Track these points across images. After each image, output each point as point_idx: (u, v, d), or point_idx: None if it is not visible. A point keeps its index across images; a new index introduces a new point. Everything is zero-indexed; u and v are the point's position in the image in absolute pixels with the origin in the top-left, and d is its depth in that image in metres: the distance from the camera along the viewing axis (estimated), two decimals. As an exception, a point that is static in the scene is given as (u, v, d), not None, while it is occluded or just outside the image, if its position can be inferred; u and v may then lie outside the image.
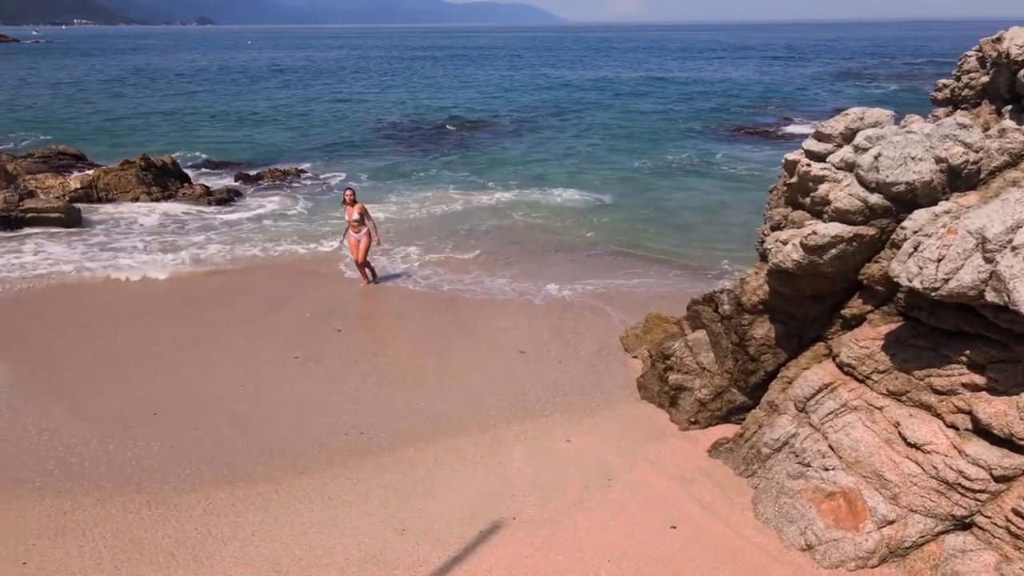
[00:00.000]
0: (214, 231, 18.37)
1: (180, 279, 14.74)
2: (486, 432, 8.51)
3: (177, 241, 17.32)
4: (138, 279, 14.63)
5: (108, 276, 14.77)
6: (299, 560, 6.22)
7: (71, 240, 17.34)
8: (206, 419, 9.04)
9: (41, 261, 15.79)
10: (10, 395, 9.65)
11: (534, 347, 11.38)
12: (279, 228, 18.77)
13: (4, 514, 7.06)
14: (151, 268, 15.37)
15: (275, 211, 20.59)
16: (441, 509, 6.88)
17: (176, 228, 18.75)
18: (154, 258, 16.09)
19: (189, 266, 15.63)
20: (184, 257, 16.15)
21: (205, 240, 17.43)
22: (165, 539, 6.60)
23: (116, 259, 15.98)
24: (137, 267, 15.40)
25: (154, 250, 16.67)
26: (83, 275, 14.80)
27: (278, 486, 7.43)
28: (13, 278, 14.52)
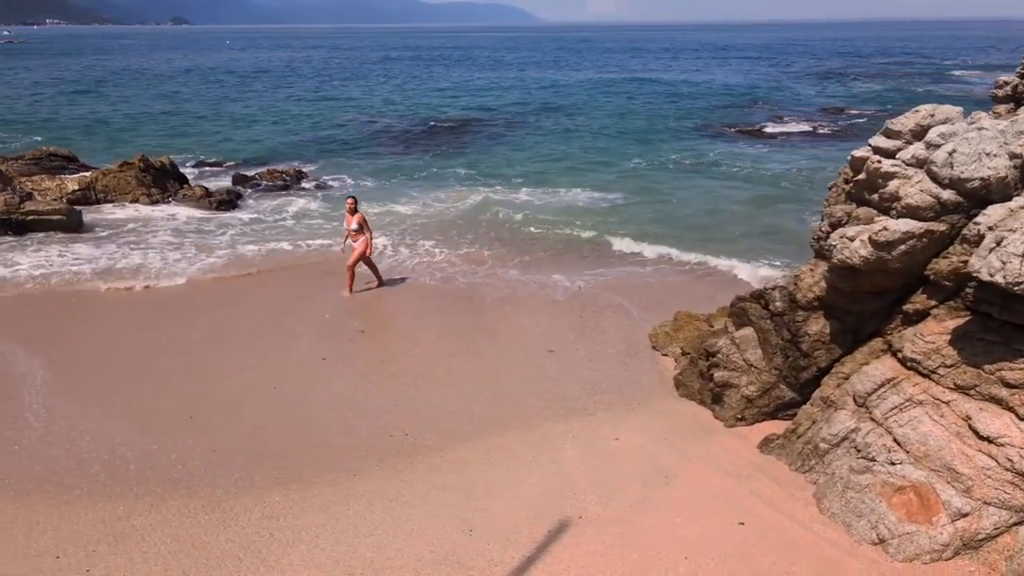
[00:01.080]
0: (222, 233, 18.18)
1: (194, 282, 14.57)
2: (533, 431, 8.49)
3: (189, 244, 17.11)
4: (155, 282, 14.44)
5: (123, 280, 14.56)
6: (371, 562, 6.17)
7: (87, 243, 17.02)
8: (245, 422, 8.94)
9: (64, 263, 15.52)
10: (44, 397, 9.49)
11: (561, 346, 11.39)
12: (286, 229, 18.64)
13: (59, 521, 6.94)
14: (167, 271, 15.21)
15: (280, 212, 20.43)
16: (504, 509, 6.86)
17: (184, 231, 18.52)
18: (170, 261, 15.88)
19: (203, 268, 15.46)
20: (199, 260, 15.98)
21: (217, 243, 17.24)
22: (228, 543, 6.52)
23: (134, 261, 15.76)
24: (158, 270, 15.22)
25: (167, 253, 16.44)
26: (98, 278, 14.59)
27: (333, 488, 7.37)
28: (37, 280, 14.33)
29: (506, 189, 23.39)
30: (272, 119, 40.20)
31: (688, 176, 25.50)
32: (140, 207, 20.77)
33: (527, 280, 14.85)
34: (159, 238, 17.67)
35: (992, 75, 61.87)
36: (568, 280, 14.68)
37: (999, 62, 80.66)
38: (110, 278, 14.62)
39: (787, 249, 16.84)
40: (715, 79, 61.60)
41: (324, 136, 34.52)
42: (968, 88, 53.18)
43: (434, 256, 16.40)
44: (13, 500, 7.30)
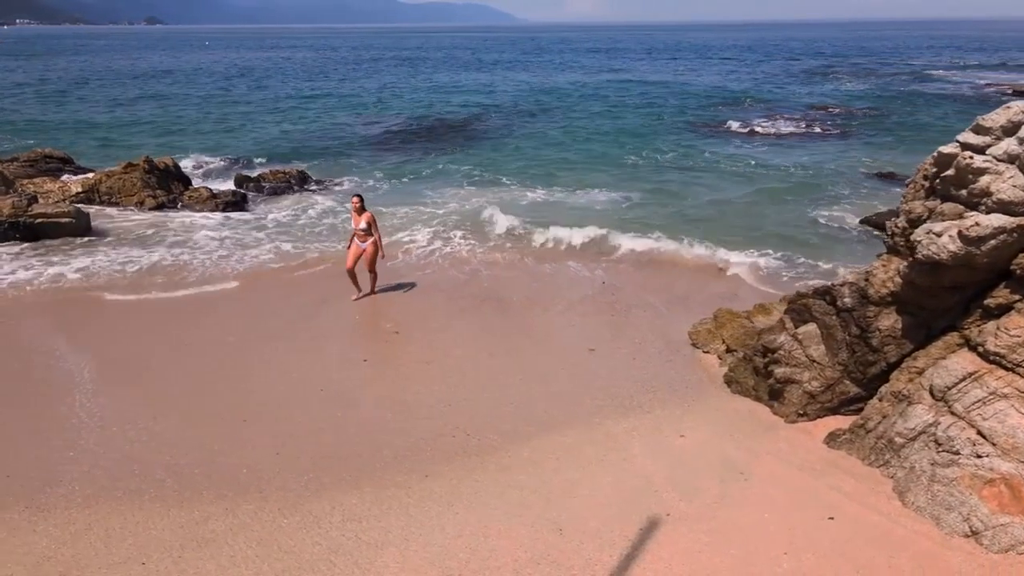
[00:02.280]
0: (239, 235, 18.00)
1: (222, 284, 14.42)
2: (594, 430, 8.49)
3: (216, 247, 16.94)
4: (195, 287, 14.27)
5: (157, 283, 14.40)
6: (467, 563, 6.13)
7: (110, 248, 16.71)
8: (300, 424, 8.86)
9: (98, 267, 15.36)
10: (93, 401, 9.34)
11: (600, 344, 11.40)
12: (301, 230, 18.48)
13: (135, 527, 6.83)
14: (202, 274, 15.04)
15: (291, 214, 20.26)
16: (587, 508, 6.85)
17: (202, 234, 18.27)
18: (204, 264, 15.67)
19: (233, 271, 15.31)
20: (231, 263, 15.80)
21: (237, 245, 17.06)
22: (315, 547, 6.45)
23: (166, 264, 15.58)
24: (200, 273, 15.06)
25: (198, 256, 16.21)
26: (123, 284, 14.40)
27: (408, 490, 7.32)
28: (74, 283, 14.13)
29: (518, 187, 23.45)
30: (264, 119, 39.84)
31: (692, 174, 25.66)
32: (144, 213, 20.45)
33: (551, 279, 14.88)
34: (184, 241, 17.43)
35: (973, 74, 63.02)
36: (591, 279, 14.74)
37: (975, 62, 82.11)
38: (141, 283, 14.42)
39: (801, 245, 17.04)
40: (701, 79, 62.03)
41: (319, 136, 34.29)
42: (951, 87, 54.03)
43: (456, 256, 16.37)
44: (83, 507, 7.17)
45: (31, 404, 9.36)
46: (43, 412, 9.14)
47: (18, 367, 10.48)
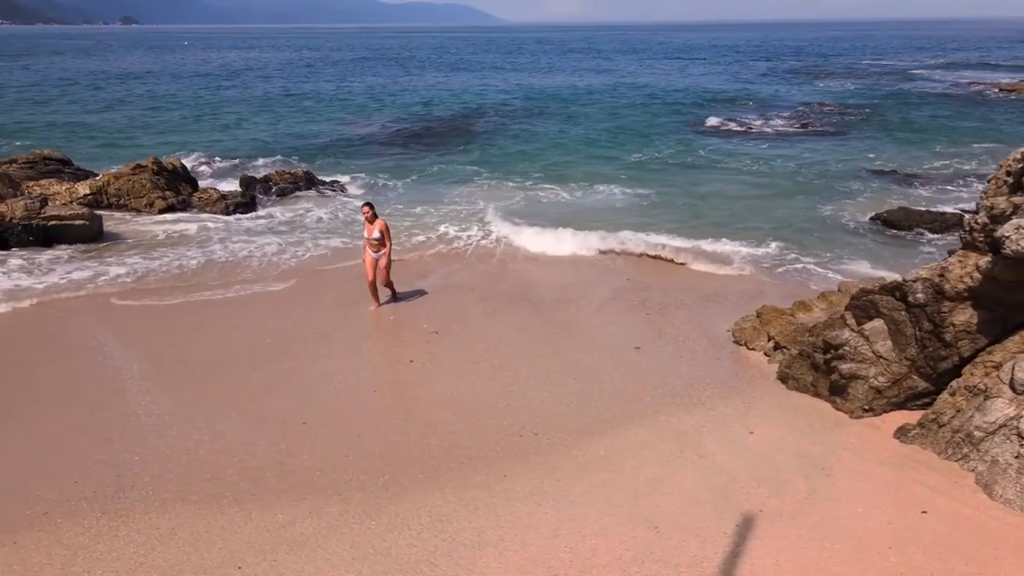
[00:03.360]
0: (259, 237, 17.87)
1: (253, 287, 14.30)
2: (662, 427, 8.51)
3: (230, 249, 16.79)
4: (234, 290, 14.14)
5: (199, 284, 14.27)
6: (571, 563, 6.12)
7: (139, 253, 16.47)
8: (361, 426, 8.80)
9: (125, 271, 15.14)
10: (151, 404, 9.22)
11: (644, 343, 11.43)
12: (319, 231, 18.36)
13: (221, 530, 6.74)
14: (238, 277, 14.92)
15: (305, 214, 20.14)
16: (677, 505, 6.86)
17: (215, 236, 18.11)
18: (238, 268, 15.53)
19: (252, 274, 15.18)
20: (249, 264, 15.68)
21: (258, 247, 16.93)
22: (411, 548, 6.41)
23: (198, 267, 15.45)
24: (252, 274, 14.91)
25: (229, 260, 16.06)
26: (155, 288, 14.24)
27: (489, 490, 7.29)
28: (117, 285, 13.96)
29: (528, 185, 23.55)
30: (258, 119, 39.50)
31: (697, 172, 25.85)
32: (163, 214, 20.22)
33: (576, 278, 14.89)
34: (203, 244, 17.30)
35: (956, 73, 63.94)
36: (615, 277, 14.78)
37: (955, 60, 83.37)
38: (182, 287, 14.28)
39: (816, 242, 17.21)
40: (690, 79, 62.41)
41: (316, 135, 34.08)
42: (938, 85, 54.78)
43: (478, 255, 16.38)
44: (161, 512, 7.08)
45: (88, 407, 9.24)
46: (100, 415, 9.02)
47: (73, 370, 10.34)
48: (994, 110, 40.45)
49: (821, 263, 15.80)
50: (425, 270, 15.28)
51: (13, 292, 13.61)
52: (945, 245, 17.21)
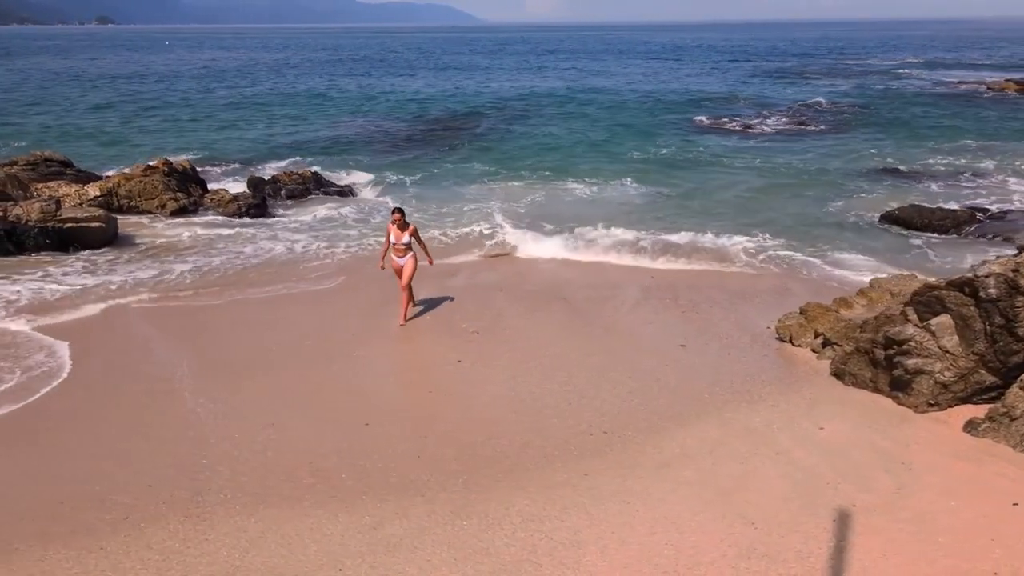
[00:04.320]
0: (279, 239, 17.77)
1: (289, 287, 14.21)
2: (730, 424, 8.54)
3: (254, 250, 16.68)
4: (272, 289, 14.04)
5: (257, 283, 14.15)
6: (677, 560, 6.13)
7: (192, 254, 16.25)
8: (425, 426, 8.76)
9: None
10: (209, 406, 9.14)
11: (687, 340, 11.47)
12: (338, 232, 18.26)
13: (311, 533, 6.69)
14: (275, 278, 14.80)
15: (322, 215, 20.02)
16: (768, 501, 6.89)
17: (240, 238, 17.96)
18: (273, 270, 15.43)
19: (280, 275, 15.09)
20: (278, 266, 15.60)
21: (283, 250, 16.85)
22: (510, 548, 6.39)
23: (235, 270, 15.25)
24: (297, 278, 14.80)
25: (245, 261, 15.97)
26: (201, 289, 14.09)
27: (574, 488, 7.29)
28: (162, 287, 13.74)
29: (537, 183, 23.68)
30: (252, 120, 39.08)
31: (703, 170, 26.04)
32: (176, 217, 20.03)
33: (602, 278, 14.87)
34: (227, 246, 17.15)
35: (941, 73, 64.80)
36: (640, 276, 14.74)
37: (937, 59, 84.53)
38: (211, 289, 14.15)
39: (830, 239, 17.41)
40: (681, 79, 62.69)
41: (314, 136, 33.81)
42: (927, 85, 55.48)
43: (501, 254, 16.36)
44: (245, 515, 7.01)
45: (143, 409, 9.14)
46: (160, 418, 8.93)
47: (121, 372, 10.22)
48: (984, 108, 41.08)
49: (839, 260, 15.96)
50: (449, 270, 15.23)
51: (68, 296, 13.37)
52: (957, 242, 17.51)
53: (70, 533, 6.75)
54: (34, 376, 10.09)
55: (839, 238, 17.72)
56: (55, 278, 14.53)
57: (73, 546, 6.56)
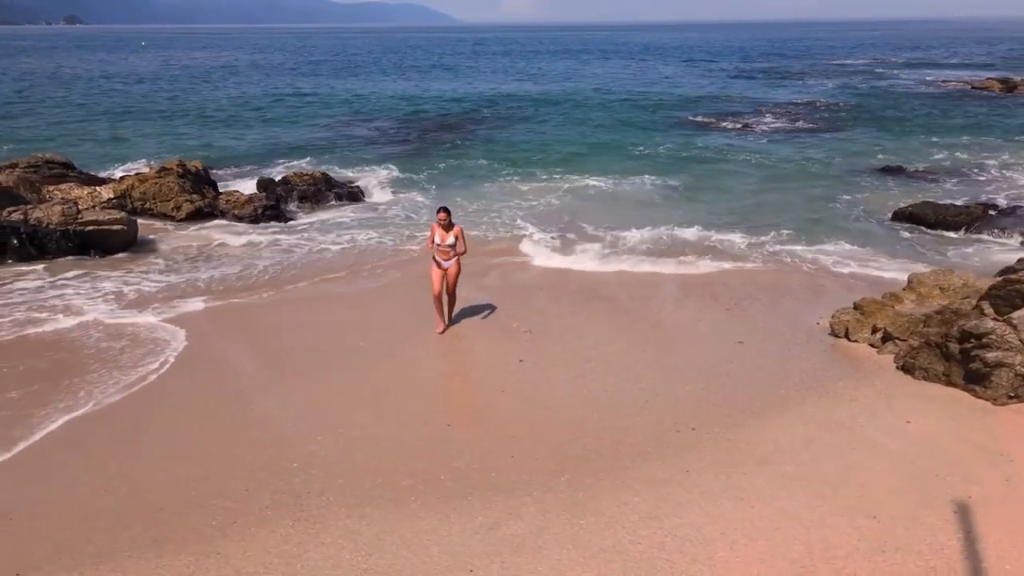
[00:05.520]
0: (300, 241, 17.65)
1: (321, 288, 14.09)
2: (816, 419, 8.57)
3: (282, 252, 16.53)
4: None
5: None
6: (810, 554, 6.14)
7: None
8: (509, 426, 8.72)
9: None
10: (286, 407, 9.04)
11: (742, 337, 11.53)
12: (366, 232, 18.13)
13: (427, 534, 6.62)
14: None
15: (344, 216, 19.89)
16: (882, 495, 6.91)
17: (264, 240, 17.82)
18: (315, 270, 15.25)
19: (314, 275, 14.97)
20: (315, 265, 15.47)
21: (313, 248, 16.71)
22: (636, 545, 6.38)
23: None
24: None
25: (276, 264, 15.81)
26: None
27: (680, 486, 7.28)
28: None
29: (560, 178, 23.68)
30: (243, 120, 38.52)
31: (709, 167, 26.34)
32: (192, 220, 19.77)
33: (640, 276, 14.91)
34: (257, 252, 16.96)
35: (924, 72, 65.85)
36: (672, 275, 14.77)
37: (916, 59, 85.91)
38: (251, 290, 13.97)
39: (846, 234, 17.66)
40: (667, 78, 63.11)
41: (312, 137, 33.41)
42: (911, 84, 56.37)
43: (531, 252, 16.29)
44: (354, 517, 6.93)
45: (222, 413, 9.03)
46: (237, 421, 8.83)
47: (190, 376, 10.09)
48: (973, 106, 41.83)
49: (862, 257, 16.11)
50: (480, 270, 15.14)
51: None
52: (972, 239, 17.83)
53: (181, 539, 6.64)
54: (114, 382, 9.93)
55: (856, 235, 17.95)
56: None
57: (188, 552, 6.45)
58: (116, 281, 14.34)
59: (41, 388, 9.58)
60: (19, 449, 8.19)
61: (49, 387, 9.59)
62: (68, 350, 10.88)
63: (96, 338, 11.33)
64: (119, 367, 10.26)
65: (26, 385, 9.66)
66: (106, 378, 9.90)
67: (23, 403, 9.17)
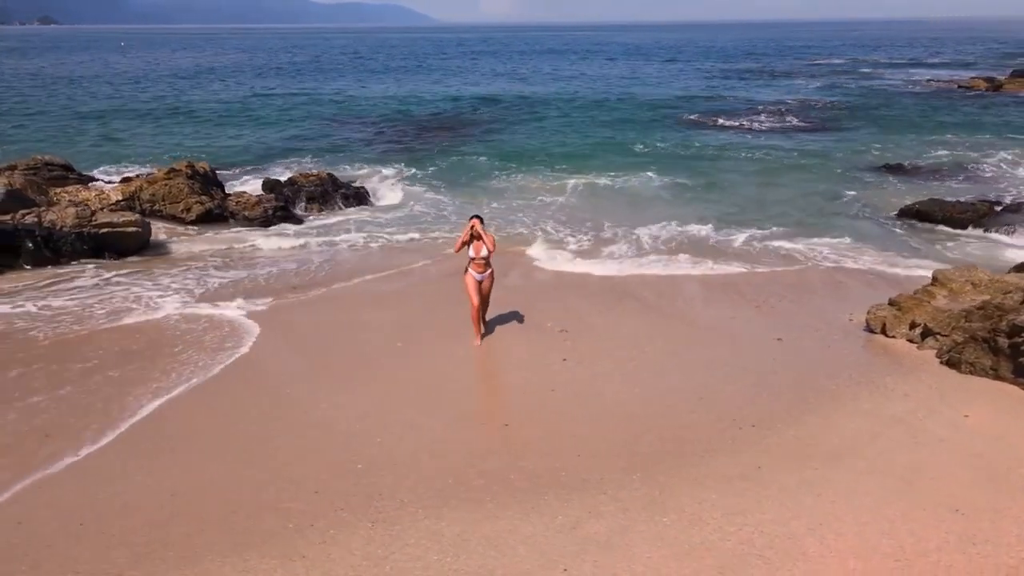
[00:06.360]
0: (327, 240, 17.51)
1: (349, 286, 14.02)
2: (874, 415, 8.60)
3: (302, 255, 16.43)
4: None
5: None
6: (900, 548, 6.16)
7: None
8: (567, 425, 8.69)
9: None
10: (343, 409, 8.97)
11: (778, 334, 11.60)
12: (381, 233, 18.05)
13: (508, 534, 6.58)
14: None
15: (356, 218, 19.80)
16: (958, 488, 6.96)
17: (290, 242, 17.69)
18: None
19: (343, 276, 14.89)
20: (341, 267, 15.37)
21: (331, 249, 16.60)
22: (725, 542, 6.35)
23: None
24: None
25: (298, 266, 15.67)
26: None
27: (756, 482, 7.26)
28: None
29: (554, 178, 23.81)
30: (233, 121, 37.99)
31: (711, 164, 26.57)
32: (203, 223, 19.56)
33: (661, 274, 14.96)
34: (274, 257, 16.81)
35: (909, 71, 66.65)
36: (692, 273, 14.85)
37: (899, 59, 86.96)
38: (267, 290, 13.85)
39: (854, 231, 17.94)
40: (655, 78, 63.34)
41: (305, 135, 33.26)
42: (899, 83, 57.03)
43: (548, 251, 16.32)
44: (433, 518, 6.87)
45: (277, 414, 8.94)
46: (292, 422, 8.75)
47: (250, 378, 9.98)
48: (962, 104, 42.39)
49: (876, 254, 16.29)
50: (501, 269, 15.07)
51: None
52: (981, 235, 18.09)
53: (261, 542, 6.56)
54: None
55: (865, 232, 18.19)
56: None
57: (271, 555, 6.37)
58: (179, 278, 14.34)
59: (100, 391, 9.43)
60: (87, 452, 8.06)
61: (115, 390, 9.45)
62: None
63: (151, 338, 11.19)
64: (172, 366, 10.13)
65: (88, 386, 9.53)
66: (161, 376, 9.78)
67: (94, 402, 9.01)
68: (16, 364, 10.26)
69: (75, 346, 10.98)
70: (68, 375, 9.93)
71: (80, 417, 8.79)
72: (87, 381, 9.75)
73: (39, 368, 10.15)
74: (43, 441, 8.25)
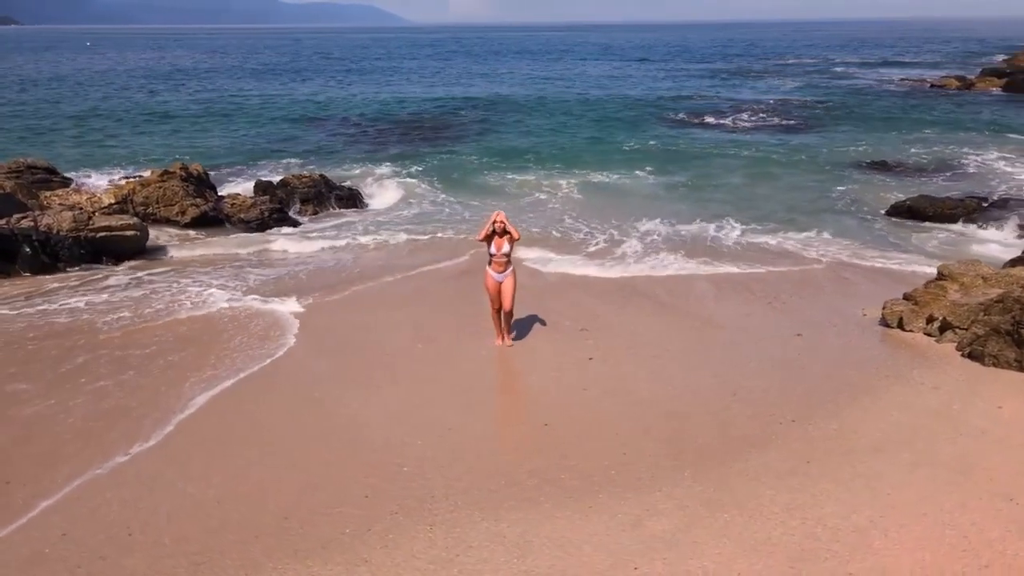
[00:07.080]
0: (329, 242, 17.35)
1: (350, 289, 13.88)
2: (908, 408, 8.67)
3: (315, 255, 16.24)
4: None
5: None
6: (965, 538, 6.18)
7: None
8: (606, 423, 8.66)
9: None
10: (375, 410, 8.88)
11: (797, 330, 11.71)
12: (383, 234, 17.91)
13: (572, 534, 6.55)
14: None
15: (355, 219, 19.64)
16: (1008, 478, 7.02)
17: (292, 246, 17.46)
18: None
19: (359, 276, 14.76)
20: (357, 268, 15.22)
21: (336, 252, 16.46)
22: (790, 537, 6.35)
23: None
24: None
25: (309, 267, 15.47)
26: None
27: (807, 477, 7.28)
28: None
29: (560, 176, 23.71)
30: (215, 122, 37.37)
31: (701, 162, 26.79)
32: (197, 226, 19.23)
33: (668, 272, 15.03)
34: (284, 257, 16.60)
35: (881, 71, 67.78)
36: (697, 271, 14.93)
37: (871, 59, 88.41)
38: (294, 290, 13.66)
39: (846, 227, 18.28)
40: (636, 78, 63.53)
41: (288, 136, 32.81)
42: (873, 83, 57.87)
43: (554, 252, 16.28)
44: (489, 519, 6.82)
45: (318, 417, 8.84)
46: (334, 424, 8.67)
47: (275, 382, 9.83)
48: (937, 103, 43.14)
49: (875, 251, 16.45)
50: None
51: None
52: (973, 230, 18.45)
53: (320, 548, 6.46)
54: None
55: (859, 229, 18.45)
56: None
57: (335, 561, 6.28)
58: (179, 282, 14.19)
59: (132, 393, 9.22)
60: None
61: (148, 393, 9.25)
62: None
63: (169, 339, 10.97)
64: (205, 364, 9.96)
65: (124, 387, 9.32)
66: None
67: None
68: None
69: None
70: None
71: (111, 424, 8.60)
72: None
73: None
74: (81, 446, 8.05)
